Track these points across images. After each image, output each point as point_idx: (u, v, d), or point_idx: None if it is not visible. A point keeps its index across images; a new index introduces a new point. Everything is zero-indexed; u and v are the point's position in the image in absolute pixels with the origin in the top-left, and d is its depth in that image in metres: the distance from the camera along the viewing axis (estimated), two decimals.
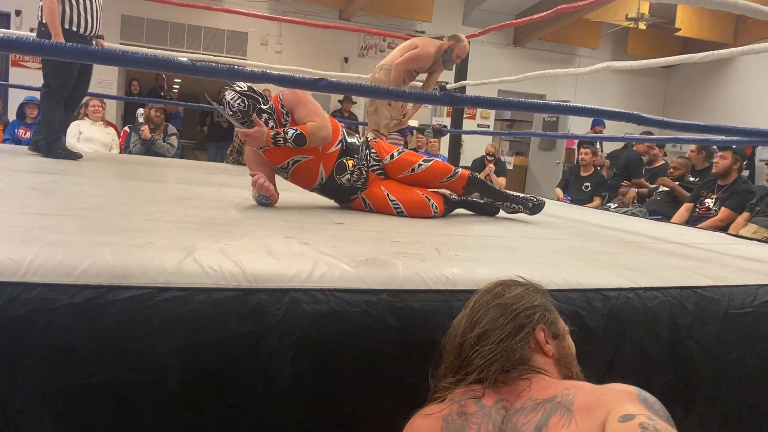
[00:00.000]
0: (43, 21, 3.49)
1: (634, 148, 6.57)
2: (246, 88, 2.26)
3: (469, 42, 4.19)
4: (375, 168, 2.47)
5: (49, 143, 3.63)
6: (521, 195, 2.69)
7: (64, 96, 3.73)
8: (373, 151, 2.50)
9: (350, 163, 2.41)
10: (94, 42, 3.76)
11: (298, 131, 2.25)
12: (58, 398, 1.05)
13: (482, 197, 2.69)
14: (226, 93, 2.25)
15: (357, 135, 2.57)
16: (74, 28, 3.52)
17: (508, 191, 2.74)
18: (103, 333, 1.07)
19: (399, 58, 4.03)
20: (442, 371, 1.12)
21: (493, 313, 1.07)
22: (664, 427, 0.83)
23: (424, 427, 1.04)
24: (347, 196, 2.47)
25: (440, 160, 2.65)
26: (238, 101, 2.21)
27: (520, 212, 2.65)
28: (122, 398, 1.08)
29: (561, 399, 0.94)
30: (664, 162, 6.31)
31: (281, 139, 2.24)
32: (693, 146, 5.56)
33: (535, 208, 2.63)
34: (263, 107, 2.28)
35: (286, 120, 2.35)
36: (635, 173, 6.31)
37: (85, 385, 1.05)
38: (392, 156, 2.49)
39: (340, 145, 2.40)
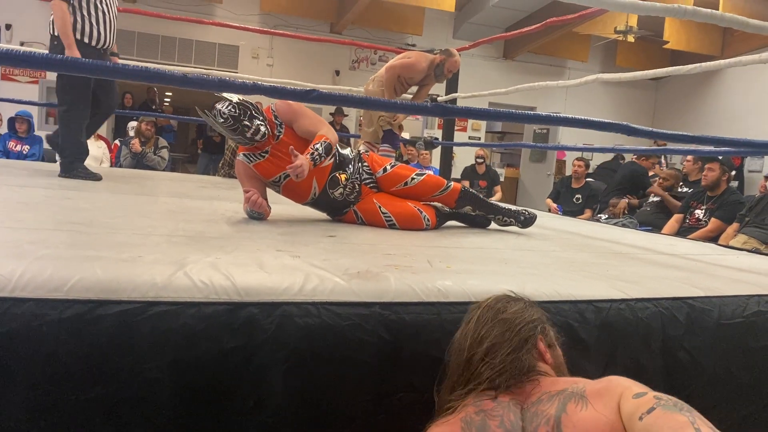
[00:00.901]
0: (55, 34, 3.38)
1: (636, 161, 6.52)
2: (237, 99, 2.26)
3: (459, 55, 4.22)
4: (367, 181, 2.47)
5: (69, 162, 3.48)
6: (513, 208, 2.70)
7: (84, 113, 3.56)
8: (365, 164, 2.50)
9: (343, 177, 2.40)
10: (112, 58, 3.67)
11: (324, 142, 2.27)
12: (47, 415, 1.04)
13: (474, 210, 2.69)
14: (217, 104, 2.23)
15: (349, 147, 2.57)
16: (86, 40, 3.41)
17: (500, 204, 2.75)
18: (94, 348, 1.06)
19: (393, 67, 4.06)
20: (449, 385, 1.13)
21: (498, 329, 1.11)
22: (675, 399, 0.91)
23: None
24: (340, 209, 2.47)
25: (432, 173, 2.64)
26: (228, 107, 2.20)
27: (512, 225, 2.66)
28: (113, 414, 1.07)
29: (572, 390, 1.00)
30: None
31: (317, 156, 2.24)
32: (689, 157, 5.58)
33: (527, 221, 2.64)
34: (256, 114, 2.27)
35: (279, 131, 2.35)
36: (645, 185, 6.18)
37: (75, 401, 1.04)
38: (385, 169, 2.49)
39: (333, 159, 2.39)
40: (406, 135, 9.11)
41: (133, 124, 6.50)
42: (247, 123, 2.23)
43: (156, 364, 1.08)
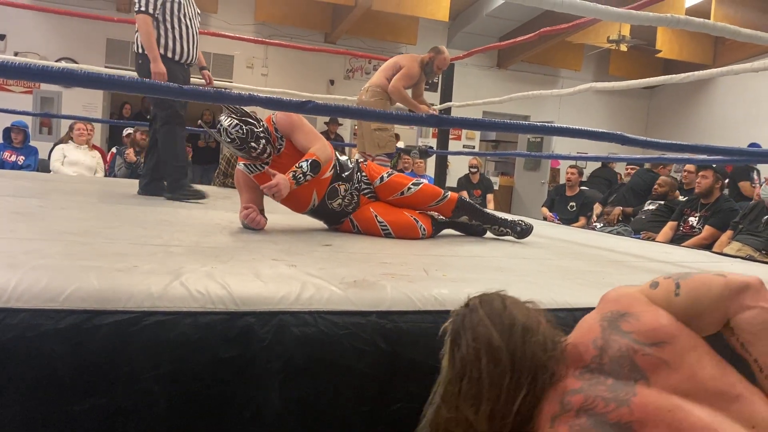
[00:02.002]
0: (140, 51, 3.35)
1: (648, 168, 6.51)
2: (241, 113, 2.24)
3: (449, 56, 4.30)
4: (366, 191, 2.48)
5: (175, 180, 3.39)
6: (510, 218, 2.68)
7: (181, 128, 3.49)
8: (363, 174, 2.50)
9: (342, 187, 2.40)
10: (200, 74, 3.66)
11: (311, 160, 2.23)
12: (43, 426, 1.03)
13: (471, 220, 2.67)
14: (223, 119, 2.21)
15: (347, 156, 2.57)
16: (169, 55, 3.38)
17: (497, 214, 2.73)
18: (89, 359, 1.05)
19: (396, 81, 4.17)
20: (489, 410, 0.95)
21: (516, 315, 1.02)
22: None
23: None
24: (337, 219, 2.47)
25: (429, 182, 2.65)
26: (236, 128, 2.18)
27: (508, 236, 2.65)
28: (108, 425, 1.06)
29: (608, 319, 1.03)
30: None
31: (300, 175, 2.20)
32: (690, 166, 5.60)
33: (524, 232, 2.63)
34: (259, 132, 2.25)
35: (280, 144, 2.34)
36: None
37: (71, 412, 1.04)
38: (382, 178, 2.49)
39: (333, 171, 2.39)
40: (401, 144, 9.12)
41: (131, 130, 6.47)
42: (254, 145, 2.23)
43: (152, 375, 1.07)
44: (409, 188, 2.49)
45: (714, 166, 4.60)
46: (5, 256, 1.33)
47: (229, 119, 2.20)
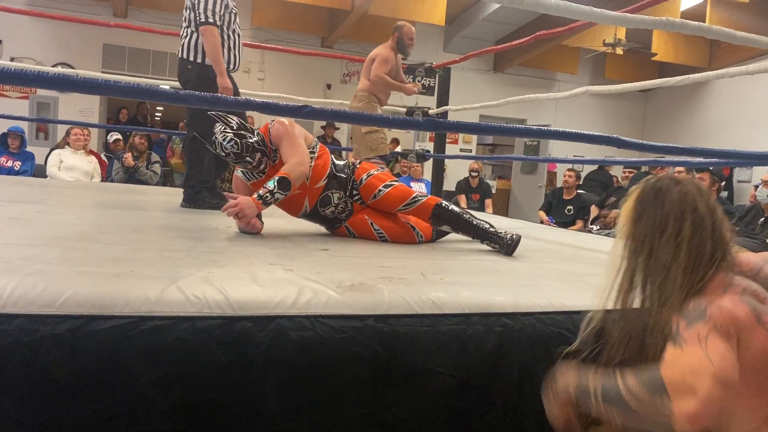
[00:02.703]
0: (189, 58, 3.35)
1: (646, 171, 6.55)
2: (236, 126, 2.21)
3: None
4: (356, 198, 2.43)
5: (195, 192, 3.36)
6: (496, 231, 2.38)
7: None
8: (355, 180, 2.41)
9: (336, 195, 2.37)
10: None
11: (278, 177, 2.15)
12: (39, 431, 1.03)
13: (456, 231, 2.42)
14: (217, 132, 2.19)
15: (345, 162, 2.50)
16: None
17: (483, 226, 2.39)
18: (86, 364, 1.05)
19: (375, 70, 4.29)
20: (679, 271, 1.08)
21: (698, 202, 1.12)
22: None
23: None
24: (331, 224, 2.46)
25: (403, 184, 2.47)
26: (230, 143, 2.17)
27: (496, 250, 2.34)
28: (106, 430, 1.06)
29: None
30: None
31: (267, 194, 2.13)
32: (680, 169, 5.62)
33: (511, 246, 2.30)
34: (254, 144, 2.23)
35: (275, 156, 2.31)
36: None
37: (68, 418, 1.03)
38: (361, 181, 2.39)
39: (326, 180, 2.36)
40: (398, 148, 9.13)
41: (118, 136, 6.43)
42: (249, 159, 2.23)
43: (149, 380, 1.07)
44: (380, 190, 2.37)
45: (711, 168, 4.61)
46: (1, 262, 1.33)
47: (224, 133, 2.18)
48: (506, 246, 2.31)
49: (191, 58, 3.38)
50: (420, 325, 1.28)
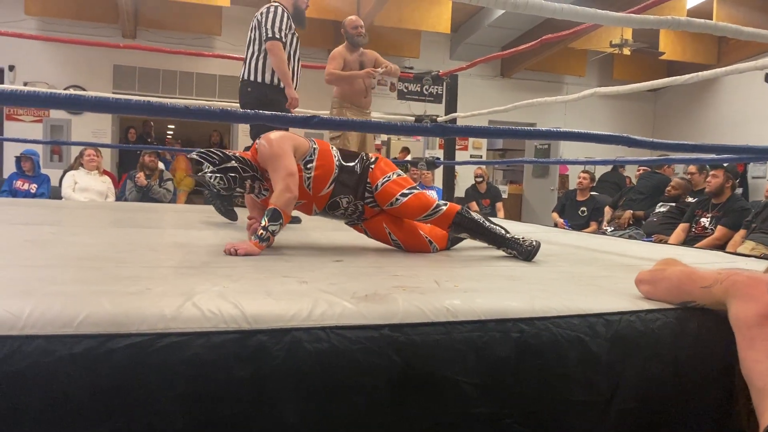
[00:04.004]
0: (250, 79, 3.51)
1: (659, 172, 6.48)
2: (218, 161, 2.17)
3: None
4: (369, 201, 2.37)
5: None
6: (514, 237, 2.36)
7: None
8: (368, 182, 2.34)
9: (345, 200, 2.35)
10: None
11: (270, 212, 2.11)
12: None
13: (474, 238, 2.40)
14: (205, 171, 2.16)
15: (358, 159, 2.39)
16: (281, 84, 3.54)
17: (501, 232, 2.38)
18: (104, 383, 1.06)
19: (326, 70, 4.42)
20: None
21: None
22: None
23: None
24: (346, 221, 2.47)
25: (424, 192, 2.38)
26: (218, 181, 2.17)
27: (515, 257, 2.32)
28: None
29: None
30: None
31: (263, 232, 2.09)
32: (692, 167, 5.59)
33: (531, 252, 2.28)
34: (242, 174, 2.20)
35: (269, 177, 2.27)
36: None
37: None
38: (377, 187, 2.32)
39: (332, 186, 2.32)
40: (408, 157, 9.14)
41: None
42: (240, 190, 2.25)
43: (168, 396, 1.08)
44: (397, 199, 2.29)
45: (725, 165, 4.58)
46: (19, 284, 1.34)
47: (210, 174, 2.16)
48: (525, 252, 2.29)
49: (251, 78, 3.53)
50: (435, 334, 1.27)
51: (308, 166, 2.29)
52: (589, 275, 1.99)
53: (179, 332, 1.12)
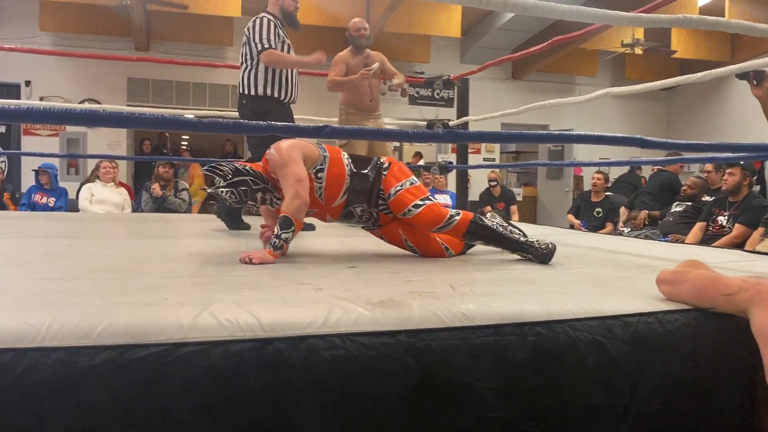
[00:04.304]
0: (250, 93, 3.54)
1: (666, 169, 6.42)
2: (230, 175, 2.17)
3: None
4: (383, 208, 2.36)
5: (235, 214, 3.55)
6: (530, 241, 2.34)
7: None
8: (381, 189, 2.32)
9: (359, 209, 2.34)
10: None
11: (281, 219, 2.12)
12: None
13: (487, 245, 2.39)
14: (217, 184, 2.18)
15: (371, 165, 2.36)
16: (276, 95, 3.58)
17: (515, 237, 2.36)
18: (124, 393, 1.07)
19: (328, 78, 4.38)
20: None
21: None
22: None
23: None
24: (362, 227, 2.47)
25: (437, 203, 2.33)
26: (229, 195, 2.19)
27: (531, 261, 2.31)
28: None
29: None
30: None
31: (276, 241, 2.10)
32: (708, 166, 5.53)
33: (546, 257, 2.26)
34: (252, 187, 2.21)
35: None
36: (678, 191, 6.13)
37: None
38: (389, 195, 2.30)
39: (345, 195, 2.31)
40: (421, 162, 9.14)
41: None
42: (251, 202, 2.26)
43: (186, 406, 1.08)
44: (410, 210, 2.27)
45: (741, 162, 4.53)
46: (39, 297, 1.36)
47: (222, 189, 2.18)
48: (541, 255, 2.27)
49: (245, 92, 3.55)
50: (452, 339, 1.27)
51: (319, 175, 2.28)
52: (605, 276, 1.98)
53: (197, 341, 1.13)
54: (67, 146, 8.87)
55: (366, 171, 2.34)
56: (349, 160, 2.35)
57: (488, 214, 2.56)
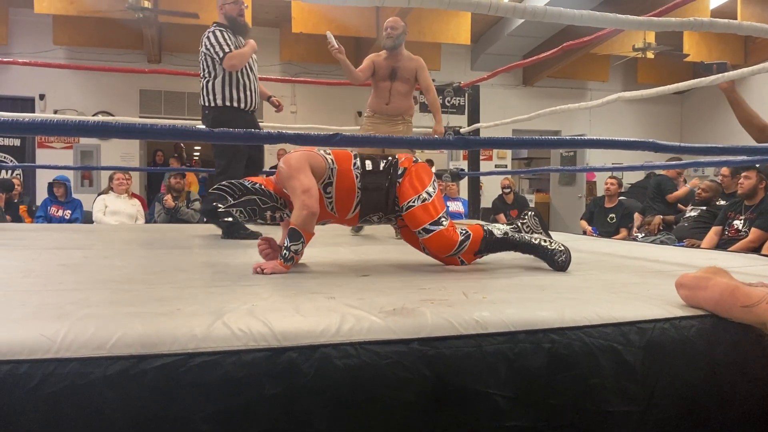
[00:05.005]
0: (212, 104, 3.60)
1: (660, 174, 6.44)
2: (237, 195, 2.15)
3: (479, 85, 4.27)
4: (400, 216, 2.31)
5: (229, 225, 3.57)
6: (540, 244, 2.29)
7: (236, 176, 3.74)
8: (396, 198, 2.26)
9: (375, 217, 2.33)
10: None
11: (290, 231, 2.11)
12: None
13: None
14: (228, 205, 2.18)
15: (384, 172, 2.28)
16: (235, 105, 3.63)
17: (533, 242, 2.31)
18: (138, 403, 1.07)
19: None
20: None
21: None
22: None
23: None
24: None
25: (449, 229, 2.22)
26: (239, 213, 2.21)
27: (544, 267, 2.28)
28: None
29: None
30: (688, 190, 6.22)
31: (287, 252, 2.08)
32: (724, 170, 5.48)
33: (563, 265, 2.22)
34: (261, 206, 2.21)
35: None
36: (668, 191, 6.13)
37: None
38: (403, 208, 2.25)
39: (357, 207, 2.27)
40: (432, 169, 9.10)
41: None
42: (260, 220, 2.27)
43: (200, 416, 1.08)
44: (419, 232, 2.22)
45: (757, 166, 4.48)
46: (54, 308, 1.37)
47: (230, 207, 2.18)
48: (558, 265, 2.23)
49: (206, 103, 3.63)
50: (465, 346, 1.26)
51: (328, 189, 2.24)
52: (620, 282, 1.96)
53: (210, 351, 1.13)
54: (81, 158, 8.95)
55: (378, 180, 2.26)
56: (360, 169, 2.27)
57: (526, 217, 2.45)
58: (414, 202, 2.22)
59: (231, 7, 3.72)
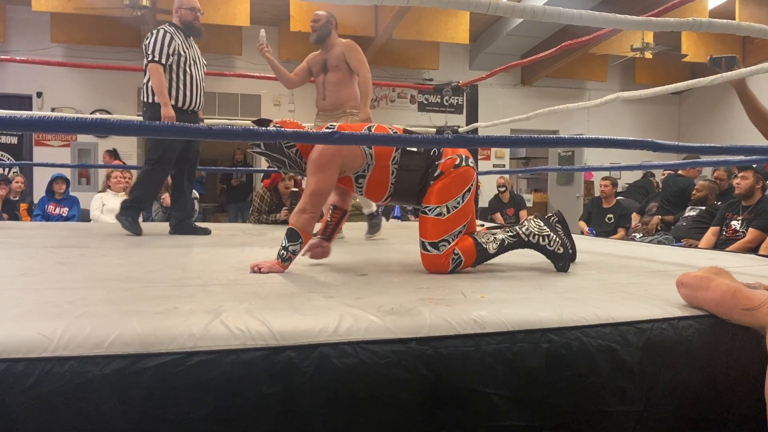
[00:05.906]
0: (148, 101, 3.64)
1: (681, 173, 6.35)
2: (273, 150, 2.22)
3: (477, 84, 4.25)
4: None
5: (179, 221, 3.84)
6: (539, 242, 2.29)
7: (165, 173, 3.91)
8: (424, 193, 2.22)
9: (404, 203, 2.38)
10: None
11: (288, 231, 2.11)
12: None
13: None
14: (254, 148, 2.26)
15: (422, 169, 2.23)
16: (178, 104, 3.66)
17: (531, 242, 2.29)
18: (136, 402, 1.07)
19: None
20: None
21: None
22: None
23: None
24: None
25: (446, 252, 2.16)
26: (266, 159, 2.29)
27: (542, 267, 2.29)
28: None
29: None
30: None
31: (283, 252, 2.09)
32: (719, 172, 5.48)
33: (563, 269, 2.24)
34: (289, 167, 2.27)
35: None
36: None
37: None
38: (425, 211, 2.20)
39: (388, 199, 2.29)
40: None
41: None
42: (284, 169, 2.31)
43: (198, 415, 1.08)
44: (421, 242, 2.18)
45: (754, 166, 4.48)
46: (51, 307, 1.36)
47: (257, 152, 2.26)
48: (557, 267, 2.25)
49: (145, 100, 3.69)
50: (464, 346, 1.26)
51: (359, 181, 2.24)
52: (618, 282, 1.96)
53: (208, 350, 1.13)
54: (79, 156, 8.93)
55: (414, 176, 2.22)
56: (397, 165, 2.21)
57: (549, 221, 2.44)
58: (429, 211, 2.18)
59: (186, 12, 3.80)
